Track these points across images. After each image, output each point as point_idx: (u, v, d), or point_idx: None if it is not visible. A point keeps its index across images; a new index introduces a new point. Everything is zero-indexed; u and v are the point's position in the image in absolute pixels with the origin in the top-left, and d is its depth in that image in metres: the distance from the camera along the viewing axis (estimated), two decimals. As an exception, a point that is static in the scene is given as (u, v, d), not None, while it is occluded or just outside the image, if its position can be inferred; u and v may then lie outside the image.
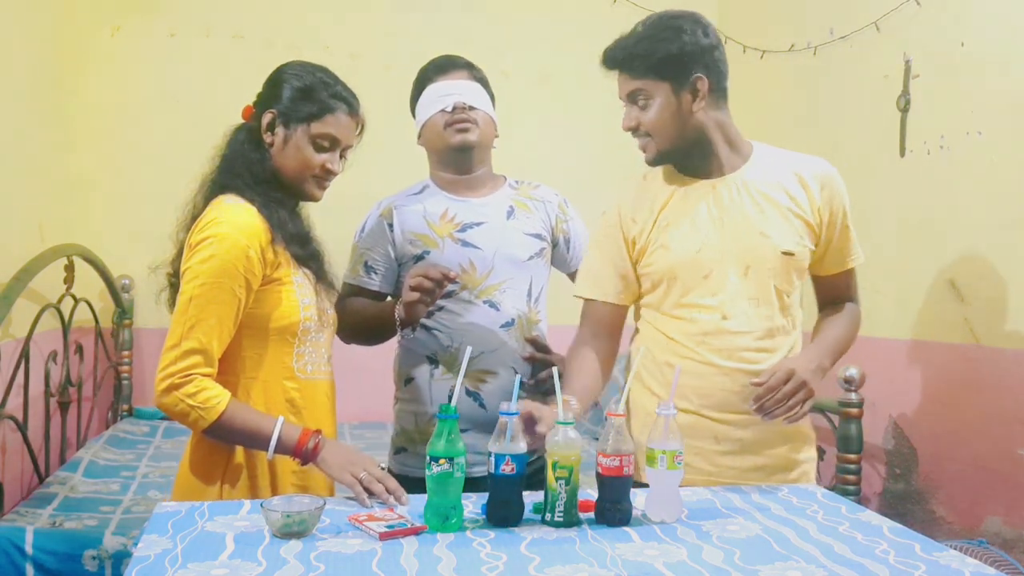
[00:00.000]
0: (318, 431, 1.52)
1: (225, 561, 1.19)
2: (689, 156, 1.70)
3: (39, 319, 2.89)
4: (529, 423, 1.44)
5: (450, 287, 1.80)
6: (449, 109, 1.87)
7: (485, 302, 1.86)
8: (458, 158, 1.90)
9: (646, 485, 1.47)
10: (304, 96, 1.61)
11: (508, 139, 2.04)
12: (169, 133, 3.55)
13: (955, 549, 1.35)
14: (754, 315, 1.66)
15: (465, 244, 1.88)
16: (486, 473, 1.40)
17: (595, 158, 4.02)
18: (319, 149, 1.61)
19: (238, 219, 1.52)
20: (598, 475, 1.41)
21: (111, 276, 3.57)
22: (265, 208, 1.57)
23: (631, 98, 1.68)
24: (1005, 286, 2.46)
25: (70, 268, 3.23)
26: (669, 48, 1.62)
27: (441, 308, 1.86)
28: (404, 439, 1.93)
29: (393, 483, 1.48)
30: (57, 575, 2.14)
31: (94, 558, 2.15)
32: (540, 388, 1.88)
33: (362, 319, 1.88)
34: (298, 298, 1.58)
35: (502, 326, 1.87)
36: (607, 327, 1.77)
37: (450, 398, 1.38)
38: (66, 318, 3.15)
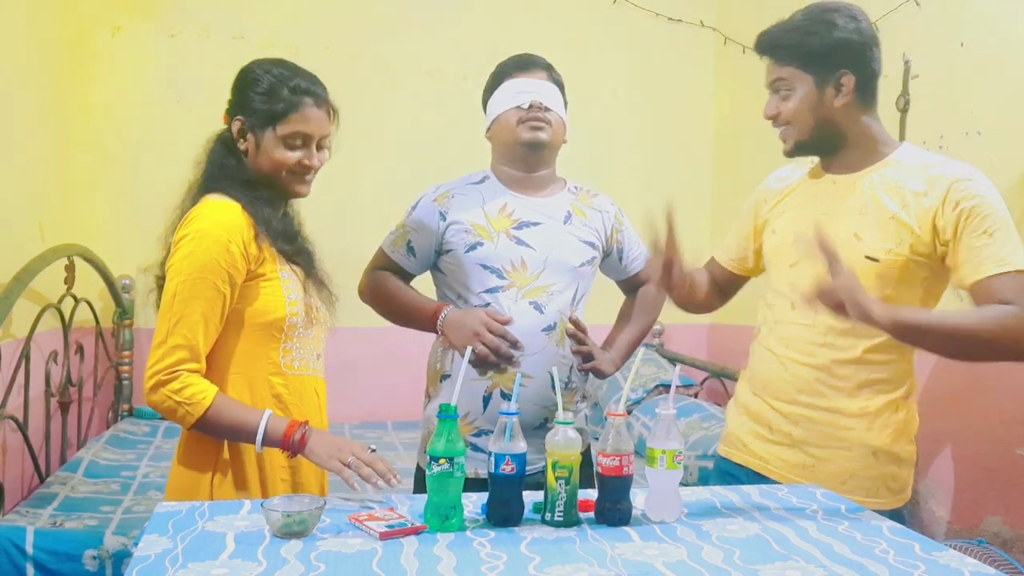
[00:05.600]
0: (305, 422, 1.53)
1: (225, 561, 1.20)
2: (826, 150, 1.72)
3: (40, 319, 2.89)
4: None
5: (499, 283, 1.84)
6: (525, 107, 1.86)
7: (531, 303, 1.84)
8: (527, 155, 1.89)
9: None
10: (266, 99, 1.58)
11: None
12: (170, 133, 3.55)
13: (954, 549, 1.35)
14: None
15: (519, 242, 1.86)
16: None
17: (593, 157, 4.03)
18: (291, 148, 1.60)
19: (219, 215, 1.53)
20: (598, 475, 1.41)
21: (111, 276, 3.57)
22: (250, 206, 1.57)
23: (774, 87, 1.69)
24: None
25: (70, 268, 3.23)
26: (818, 41, 1.62)
27: (487, 305, 1.84)
28: None
29: (382, 465, 1.47)
30: (57, 575, 2.14)
31: (94, 558, 2.15)
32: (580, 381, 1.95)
33: (395, 304, 1.93)
34: (284, 294, 1.58)
35: (544, 329, 1.84)
36: (717, 276, 1.98)
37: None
38: (66, 318, 3.16)
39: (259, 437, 1.49)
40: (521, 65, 1.92)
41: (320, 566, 1.18)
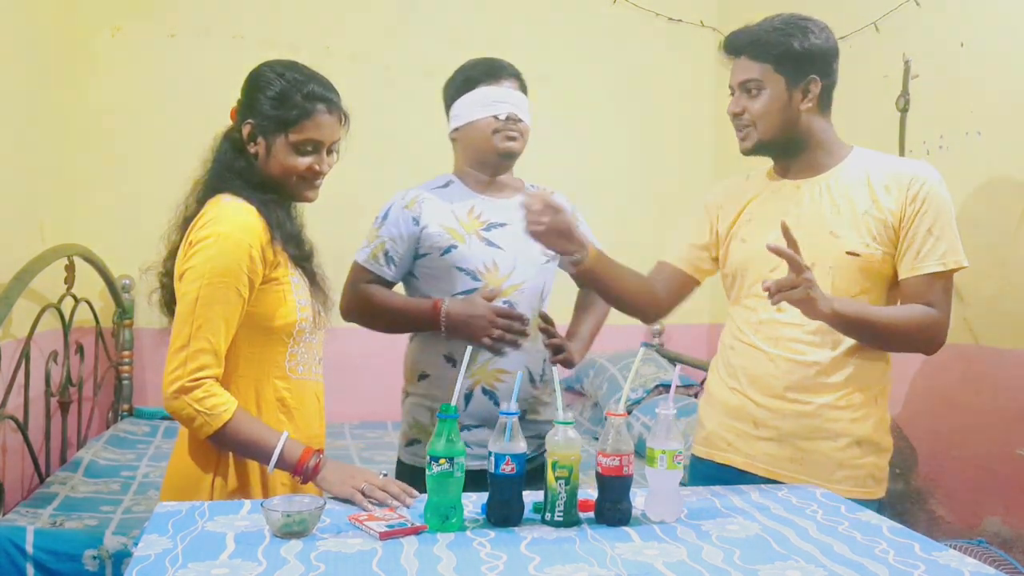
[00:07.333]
0: (319, 451, 1.53)
1: (225, 561, 1.20)
2: (784, 153, 1.77)
3: (40, 319, 2.89)
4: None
5: (474, 285, 1.88)
6: (503, 118, 1.90)
7: (504, 302, 1.89)
8: (499, 163, 1.96)
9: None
10: (278, 105, 1.56)
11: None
12: (169, 133, 3.55)
13: (954, 549, 1.36)
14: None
15: (489, 243, 1.91)
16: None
17: (594, 158, 4.03)
18: (302, 154, 1.58)
19: (239, 217, 1.51)
20: (598, 475, 1.41)
21: (111, 276, 3.57)
22: (263, 208, 1.56)
23: (743, 86, 1.73)
24: (1005, 286, 2.46)
25: (70, 268, 3.23)
26: (796, 44, 1.69)
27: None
28: (418, 431, 1.93)
29: (396, 488, 1.48)
30: (57, 575, 2.14)
31: (94, 558, 2.15)
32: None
33: (388, 311, 1.93)
34: (295, 298, 1.57)
35: None
36: (665, 278, 1.90)
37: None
38: (66, 318, 3.15)
39: (274, 459, 1.48)
40: (492, 73, 1.95)
41: (320, 566, 1.18)
